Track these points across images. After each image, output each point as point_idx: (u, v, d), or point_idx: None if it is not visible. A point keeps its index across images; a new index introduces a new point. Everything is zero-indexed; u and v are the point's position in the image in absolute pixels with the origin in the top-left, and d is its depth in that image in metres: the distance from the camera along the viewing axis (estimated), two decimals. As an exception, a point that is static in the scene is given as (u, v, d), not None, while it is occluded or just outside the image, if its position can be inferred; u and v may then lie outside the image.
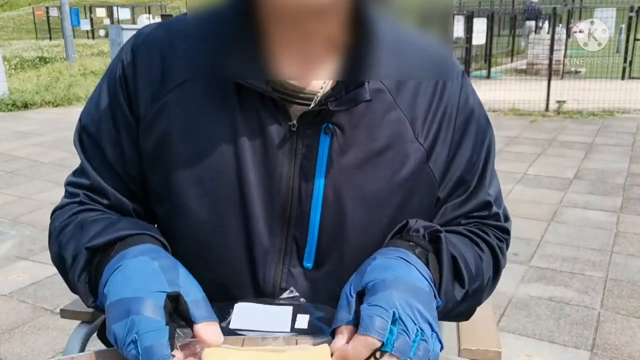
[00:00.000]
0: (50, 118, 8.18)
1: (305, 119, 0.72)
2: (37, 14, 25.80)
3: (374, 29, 0.68)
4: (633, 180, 4.91)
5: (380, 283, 0.60)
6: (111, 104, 0.77)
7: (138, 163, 0.78)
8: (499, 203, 0.85)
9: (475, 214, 0.82)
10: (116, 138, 0.78)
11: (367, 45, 0.68)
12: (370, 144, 0.73)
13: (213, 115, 0.72)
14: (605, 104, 8.00)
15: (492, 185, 0.83)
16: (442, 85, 0.77)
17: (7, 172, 5.38)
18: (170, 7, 27.97)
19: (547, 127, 7.21)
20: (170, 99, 0.74)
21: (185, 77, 0.74)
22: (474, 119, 0.80)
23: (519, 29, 14.06)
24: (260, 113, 0.72)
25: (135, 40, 0.78)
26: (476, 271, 0.76)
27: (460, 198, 0.81)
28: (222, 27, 0.68)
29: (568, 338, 2.58)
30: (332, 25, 0.68)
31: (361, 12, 0.68)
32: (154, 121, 0.75)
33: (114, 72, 0.78)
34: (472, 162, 0.80)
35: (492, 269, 0.81)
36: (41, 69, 13.30)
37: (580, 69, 9.77)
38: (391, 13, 0.71)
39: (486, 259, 0.80)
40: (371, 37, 0.68)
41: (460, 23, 9.24)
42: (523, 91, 8.17)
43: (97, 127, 0.78)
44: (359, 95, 0.69)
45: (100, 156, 0.79)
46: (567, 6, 12.90)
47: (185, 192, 0.74)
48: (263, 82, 0.69)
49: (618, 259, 3.37)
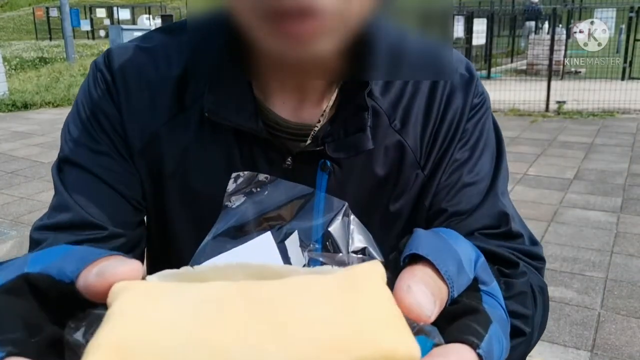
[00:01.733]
0: (50, 118, 8.19)
1: (301, 156, 0.68)
2: (37, 14, 25.81)
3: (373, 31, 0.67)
4: (633, 181, 4.91)
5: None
6: (96, 123, 0.68)
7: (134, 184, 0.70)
8: (519, 222, 0.73)
9: (490, 231, 0.69)
10: (107, 159, 0.68)
11: (367, 46, 0.67)
12: (370, 177, 0.70)
13: (209, 150, 0.68)
14: (605, 104, 8.00)
15: (506, 198, 0.72)
16: (446, 100, 0.72)
17: (7, 173, 5.38)
18: (170, 8, 27.97)
19: (547, 128, 7.21)
20: (162, 132, 0.68)
21: (176, 110, 0.68)
22: (482, 138, 0.73)
23: (519, 30, 14.07)
24: (254, 152, 0.68)
25: (114, 61, 0.69)
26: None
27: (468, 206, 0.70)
28: (212, 65, 0.63)
29: (568, 338, 2.58)
30: (331, 61, 0.62)
31: (366, 27, 0.60)
32: (144, 154, 0.69)
33: (94, 91, 0.69)
34: (478, 173, 0.72)
35: (541, 321, 0.63)
36: (41, 69, 13.31)
37: (580, 69, 9.77)
38: (391, 13, 0.70)
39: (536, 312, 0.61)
40: (371, 38, 0.67)
41: (460, 23, 9.24)
42: (523, 91, 8.17)
43: (82, 152, 0.68)
44: (361, 143, 0.65)
45: (88, 182, 0.67)
46: (567, 6, 12.92)
47: (179, 231, 0.71)
48: (254, 122, 0.65)
49: (618, 259, 3.37)
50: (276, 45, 0.53)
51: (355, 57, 0.64)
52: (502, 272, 0.55)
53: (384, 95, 0.69)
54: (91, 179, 0.67)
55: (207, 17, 0.63)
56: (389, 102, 0.69)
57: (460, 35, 9.38)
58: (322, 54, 0.55)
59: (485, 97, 0.74)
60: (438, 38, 0.70)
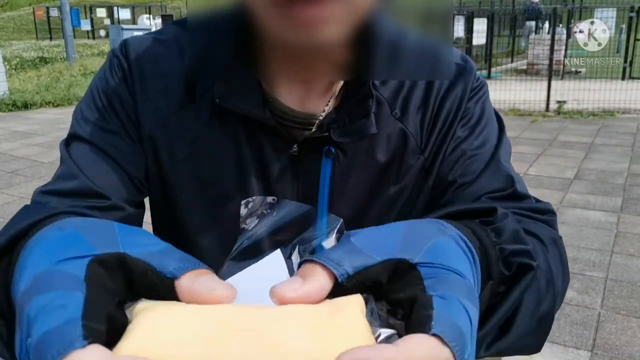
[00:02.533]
0: (50, 118, 8.19)
1: (306, 144, 0.71)
2: (38, 14, 25.83)
3: (374, 30, 0.68)
4: (633, 181, 4.91)
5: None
6: (109, 106, 0.71)
7: (140, 164, 0.73)
8: (524, 187, 0.73)
9: (497, 194, 0.70)
10: (116, 138, 0.71)
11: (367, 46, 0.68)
12: (372, 163, 0.72)
13: (218, 138, 0.71)
14: (606, 104, 8.00)
15: (509, 165, 0.74)
16: (446, 87, 0.75)
17: (7, 172, 5.38)
18: (170, 7, 27.98)
19: (547, 128, 7.21)
20: (172, 119, 0.71)
21: (187, 100, 0.71)
22: (484, 116, 0.76)
23: (519, 29, 14.07)
24: (260, 140, 0.71)
25: (130, 50, 0.72)
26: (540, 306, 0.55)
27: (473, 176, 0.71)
28: (218, 53, 0.65)
29: (568, 338, 2.58)
30: (338, 50, 0.64)
31: (368, 23, 0.64)
32: (152, 139, 0.71)
33: (110, 76, 0.72)
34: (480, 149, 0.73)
35: (561, 271, 0.61)
36: (41, 69, 13.32)
37: (580, 69, 9.78)
38: (391, 13, 0.70)
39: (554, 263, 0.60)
40: (371, 38, 0.68)
41: (460, 23, 9.24)
42: (523, 91, 8.17)
43: (93, 129, 0.70)
44: (365, 128, 0.68)
45: (96, 156, 0.69)
46: (567, 6, 12.91)
47: (186, 213, 0.73)
48: (261, 110, 0.67)
49: (618, 259, 3.37)
50: (285, 31, 0.54)
51: (358, 53, 0.65)
52: (486, 222, 0.55)
53: (385, 85, 0.73)
54: (99, 153, 0.69)
55: (211, 13, 0.64)
56: (390, 92, 0.73)
57: (461, 35, 9.38)
58: (330, 41, 0.55)
59: (483, 82, 0.78)
60: (438, 37, 0.71)
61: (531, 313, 0.53)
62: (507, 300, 0.51)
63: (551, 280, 0.57)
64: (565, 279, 0.62)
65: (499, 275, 0.50)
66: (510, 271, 0.51)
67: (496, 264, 0.50)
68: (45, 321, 0.32)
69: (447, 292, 0.38)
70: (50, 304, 0.33)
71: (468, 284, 0.40)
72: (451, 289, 0.38)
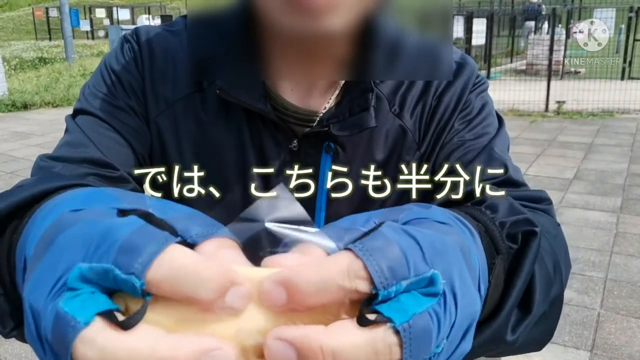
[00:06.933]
0: (49, 119, 8.19)
1: (306, 139, 0.72)
2: (37, 14, 25.81)
3: (375, 29, 0.68)
4: (633, 181, 4.91)
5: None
6: (118, 83, 0.72)
7: (146, 141, 0.73)
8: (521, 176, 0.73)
9: (491, 180, 0.68)
10: (123, 114, 0.71)
11: (368, 45, 0.68)
12: (370, 159, 0.73)
13: (223, 127, 0.72)
14: (605, 105, 8.00)
15: (505, 154, 0.74)
16: (445, 84, 0.76)
17: (7, 173, 5.38)
18: (170, 8, 27.99)
19: (546, 128, 7.21)
20: (179, 105, 0.72)
21: (194, 89, 0.72)
22: (485, 108, 0.77)
23: (518, 30, 14.07)
24: (262, 133, 0.72)
25: (141, 36, 0.74)
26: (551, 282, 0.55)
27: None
28: (221, 45, 0.65)
29: (568, 338, 2.58)
30: (340, 44, 0.64)
31: (369, 21, 0.64)
32: (158, 122, 0.73)
33: (121, 56, 0.73)
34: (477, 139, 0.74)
35: (564, 258, 0.62)
36: (41, 69, 13.32)
37: (579, 70, 9.78)
38: (391, 13, 0.71)
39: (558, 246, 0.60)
40: (373, 37, 0.68)
41: (459, 23, 9.25)
42: (523, 92, 8.18)
43: (101, 104, 0.71)
44: (364, 121, 0.69)
45: (104, 129, 0.69)
46: (566, 6, 12.92)
47: (187, 203, 0.73)
48: (263, 104, 0.69)
49: (618, 259, 3.37)
50: (289, 20, 0.55)
51: (359, 52, 0.65)
52: (477, 202, 0.55)
53: (385, 82, 0.74)
54: (105, 126, 0.69)
55: (214, 10, 0.64)
56: (389, 88, 0.74)
57: (460, 35, 9.38)
58: (335, 31, 0.56)
59: (485, 79, 0.79)
60: (438, 37, 0.71)
61: (545, 291, 0.52)
62: (521, 272, 0.49)
63: (557, 264, 0.57)
64: (567, 267, 0.63)
65: (507, 249, 0.49)
66: (516, 243, 0.50)
67: (500, 239, 0.49)
68: (119, 229, 0.31)
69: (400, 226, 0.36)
70: (101, 221, 0.32)
71: (441, 226, 0.39)
72: (410, 223, 0.38)
